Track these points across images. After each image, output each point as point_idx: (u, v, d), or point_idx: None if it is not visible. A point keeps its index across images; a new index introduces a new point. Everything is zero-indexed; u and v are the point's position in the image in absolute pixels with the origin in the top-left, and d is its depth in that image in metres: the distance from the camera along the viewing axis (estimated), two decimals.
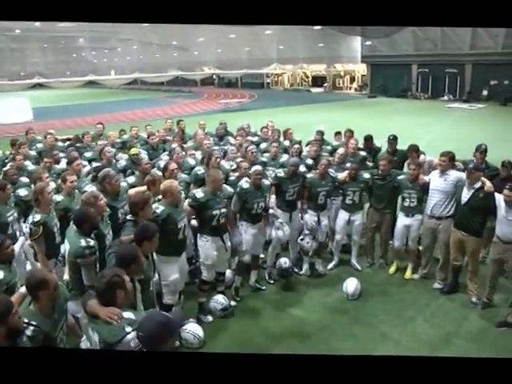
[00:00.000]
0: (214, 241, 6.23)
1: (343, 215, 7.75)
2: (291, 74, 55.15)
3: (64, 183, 6.13)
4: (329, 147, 9.12)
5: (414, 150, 8.00)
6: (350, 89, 50.17)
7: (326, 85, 50.42)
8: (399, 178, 7.44)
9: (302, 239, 7.18)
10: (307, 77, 55.14)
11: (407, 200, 7.30)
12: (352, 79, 50.75)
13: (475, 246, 6.60)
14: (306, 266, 7.75)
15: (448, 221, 6.93)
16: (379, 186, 7.58)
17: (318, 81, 52.80)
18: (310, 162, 8.25)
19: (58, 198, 5.95)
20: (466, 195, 6.52)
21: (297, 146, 8.66)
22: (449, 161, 6.88)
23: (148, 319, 3.10)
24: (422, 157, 8.03)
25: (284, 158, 8.35)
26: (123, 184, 6.45)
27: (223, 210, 6.17)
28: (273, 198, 7.43)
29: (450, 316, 6.43)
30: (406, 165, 7.94)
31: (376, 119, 8.54)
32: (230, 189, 6.47)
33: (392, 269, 7.76)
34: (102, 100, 42.39)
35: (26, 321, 3.44)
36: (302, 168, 7.65)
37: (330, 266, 7.93)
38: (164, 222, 5.38)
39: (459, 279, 7.03)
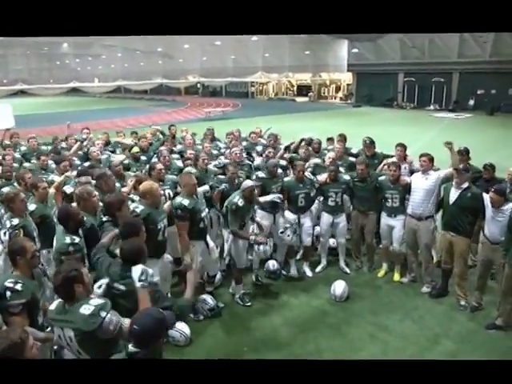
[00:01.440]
0: (198, 245, 6.28)
1: (326, 218, 7.81)
2: (276, 83, 55.43)
3: (36, 190, 5.97)
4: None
5: (400, 145, 8.13)
6: (335, 98, 50.54)
7: (310, 94, 50.75)
8: (380, 178, 7.52)
9: (282, 232, 7.19)
10: (292, 86, 55.49)
11: (389, 200, 7.38)
12: (337, 88, 51.16)
13: (464, 246, 6.65)
14: (293, 268, 7.78)
15: (428, 221, 7.04)
16: (360, 187, 7.66)
17: (303, 90, 53.16)
18: (284, 163, 8.41)
19: (31, 207, 5.81)
20: (453, 195, 6.59)
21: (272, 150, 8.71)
22: (429, 161, 6.99)
23: (145, 314, 3.16)
24: (409, 158, 8.18)
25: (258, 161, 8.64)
26: (118, 184, 6.62)
27: (206, 211, 6.39)
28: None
29: (439, 318, 6.48)
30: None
31: (361, 128, 8.61)
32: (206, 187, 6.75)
33: (381, 272, 7.81)
34: (85, 108, 42.30)
35: (12, 280, 3.82)
36: (280, 170, 7.82)
37: (318, 268, 7.96)
38: (143, 221, 5.35)
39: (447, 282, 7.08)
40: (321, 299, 7.03)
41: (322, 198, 7.88)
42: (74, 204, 5.38)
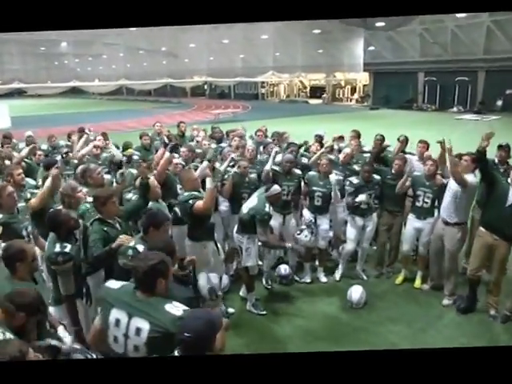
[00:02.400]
0: (209, 245, 6.21)
1: (358, 221, 7.61)
2: (288, 84, 55.57)
3: (0, 198, 5.48)
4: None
5: (423, 142, 8.02)
6: (351, 100, 50.59)
7: (324, 96, 50.83)
8: (414, 174, 7.36)
9: (299, 233, 7.11)
10: (305, 87, 55.60)
11: (420, 200, 7.21)
12: (353, 90, 51.21)
13: (506, 251, 6.40)
14: (308, 273, 7.70)
15: (455, 228, 6.81)
16: (391, 186, 7.50)
17: (316, 91, 53.26)
18: (305, 160, 8.34)
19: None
20: None
21: (293, 147, 8.64)
22: (471, 161, 6.58)
23: (193, 318, 2.95)
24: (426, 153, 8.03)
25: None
26: (107, 176, 6.60)
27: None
28: None
29: (465, 328, 6.36)
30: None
31: (378, 132, 8.60)
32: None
33: (399, 279, 7.68)
34: (85, 110, 42.58)
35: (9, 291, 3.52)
36: (298, 171, 7.74)
37: (338, 276, 7.81)
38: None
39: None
40: (336, 306, 6.96)
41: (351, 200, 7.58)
42: None
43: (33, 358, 2.71)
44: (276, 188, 6.54)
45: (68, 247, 4.69)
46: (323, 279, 7.74)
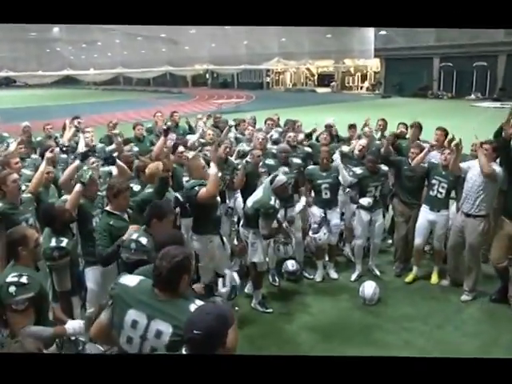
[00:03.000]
0: (215, 239, 6.20)
1: (364, 215, 7.56)
2: (294, 72, 55.52)
3: (4, 185, 5.57)
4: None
5: (441, 129, 7.97)
6: (361, 88, 50.58)
7: (333, 84, 50.76)
8: (431, 161, 7.34)
9: (316, 232, 7.08)
10: (312, 75, 55.53)
11: (434, 189, 7.18)
12: (363, 77, 51.12)
13: None
14: (319, 271, 7.66)
15: (477, 220, 6.74)
16: (408, 177, 7.47)
17: (324, 79, 53.25)
18: (308, 150, 8.39)
19: None
20: None
21: (292, 134, 8.61)
22: (492, 150, 6.53)
23: (202, 314, 2.74)
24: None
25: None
26: (105, 169, 6.65)
27: (219, 199, 6.29)
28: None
29: (485, 324, 6.34)
30: None
31: (391, 122, 8.53)
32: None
33: (409, 277, 7.58)
34: (79, 101, 42.46)
35: (15, 274, 3.65)
36: (297, 160, 7.74)
37: (354, 276, 7.70)
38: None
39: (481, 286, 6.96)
40: (347, 302, 6.95)
41: (355, 194, 7.59)
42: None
43: (33, 348, 2.67)
44: (281, 178, 6.49)
45: (64, 241, 4.75)
46: (334, 275, 7.70)
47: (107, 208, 5.18)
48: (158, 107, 31.25)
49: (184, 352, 2.75)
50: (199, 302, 3.02)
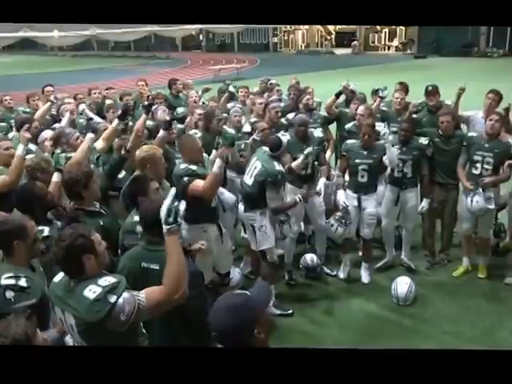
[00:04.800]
0: (211, 229, 6.28)
1: (390, 192, 7.69)
2: (307, 30, 55.21)
3: None
4: None
5: (494, 92, 8.00)
6: (389, 48, 50.28)
7: (355, 43, 50.47)
8: (470, 134, 7.40)
9: (331, 224, 7.16)
10: (329, 33, 55.19)
11: (478, 166, 7.23)
12: (392, 34, 50.79)
13: None
14: (344, 268, 7.74)
15: None
16: (441, 150, 7.52)
17: (344, 38, 52.89)
18: (324, 114, 8.57)
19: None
20: None
21: (309, 96, 8.66)
22: None
23: (213, 312, 2.74)
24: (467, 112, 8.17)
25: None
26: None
27: None
28: None
29: None
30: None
31: (421, 87, 8.47)
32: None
33: (459, 270, 7.71)
34: (41, 70, 41.93)
35: (10, 275, 3.67)
36: (318, 133, 7.78)
37: (380, 263, 7.89)
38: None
39: None
40: (377, 303, 7.03)
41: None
42: None
43: (41, 342, 2.83)
44: (284, 141, 6.68)
45: (46, 230, 4.72)
46: (365, 279, 7.68)
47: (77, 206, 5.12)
48: (142, 76, 31.25)
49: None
50: (101, 281, 3.19)
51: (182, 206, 3.48)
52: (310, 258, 7.57)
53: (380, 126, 7.73)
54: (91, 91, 10.57)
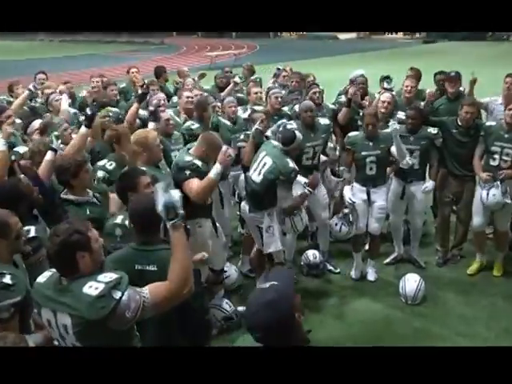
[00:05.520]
0: (206, 224, 6.25)
1: (396, 186, 7.66)
2: None
3: None
4: None
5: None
6: (397, 32, 50.22)
7: None
8: (488, 124, 7.34)
9: (334, 224, 7.16)
10: None
11: (496, 157, 7.17)
12: None
13: None
14: (357, 269, 7.69)
15: None
16: (459, 141, 7.46)
17: None
18: (333, 107, 8.53)
19: None
20: None
21: (317, 90, 8.60)
22: None
23: (251, 313, 2.73)
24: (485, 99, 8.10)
25: None
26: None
27: None
28: None
29: None
30: None
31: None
32: None
33: (473, 267, 7.65)
34: (24, 57, 41.71)
35: None
36: (324, 120, 7.73)
37: (389, 259, 7.90)
38: None
39: None
40: (384, 302, 7.01)
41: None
42: None
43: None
44: (299, 136, 6.58)
45: (32, 230, 4.69)
46: (371, 277, 7.65)
47: (70, 197, 5.24)
48: (135, 63, 31.21)
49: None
50: (102, 277, 3.15)
51: (177, 194, 3.40)
52: (312, 254, 7.53)
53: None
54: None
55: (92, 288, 3.08)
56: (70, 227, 3.29)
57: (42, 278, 3.39)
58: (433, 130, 7.44)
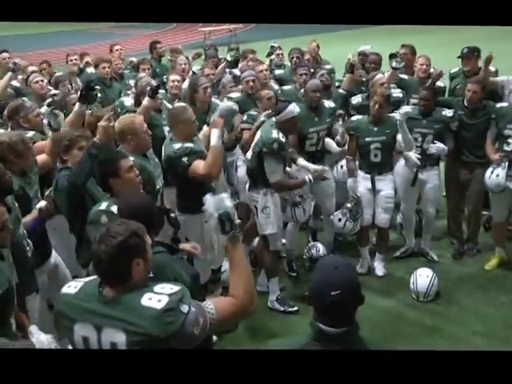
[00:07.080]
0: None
1: (406, 172, 7.63)
2: None
3: None
4: None
5: None
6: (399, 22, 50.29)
7: None
8: (500, 105, 7.31)
9: (337, 219, 7.16)
10: None
11: (510, 142, 7.16)
12: None
13: None
14: (365, 263, 7.71)
15: None
16: (467, 124, 7.45)
17: None
18: (343, 92, 8.60)
19: None
20: None
21: (325, 72, 8.62)
22: None
23: (331, 272, 2.81)
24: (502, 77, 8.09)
25: None
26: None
27: None
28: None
29: None
30: None
31: (454, 49, 8.44)
32: None
33: (492, 262, 7.62)
34: (7, 33, 41.93)
35: None
36: (329, 103, 7.74)
37: (399, 252, 7.92)
38: None
39: None
40: (394, 299, 7.04)
41: None
42: None
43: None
44: (291, 109, 6.53)
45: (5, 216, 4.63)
46: (379, 272, 7.64)
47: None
48: (123, 39, 31.04)
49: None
50: (158, 288, 2.98)
51: (228, 201, 3.60)
52: (315, 247, 7.55)
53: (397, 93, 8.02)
54: (68, 58, 10.52)
55: (153, 300, 2.90)
56: (128, 228, 3.10)
57: (71, 289, 3.16)
58: (448, 113, 7.42)
